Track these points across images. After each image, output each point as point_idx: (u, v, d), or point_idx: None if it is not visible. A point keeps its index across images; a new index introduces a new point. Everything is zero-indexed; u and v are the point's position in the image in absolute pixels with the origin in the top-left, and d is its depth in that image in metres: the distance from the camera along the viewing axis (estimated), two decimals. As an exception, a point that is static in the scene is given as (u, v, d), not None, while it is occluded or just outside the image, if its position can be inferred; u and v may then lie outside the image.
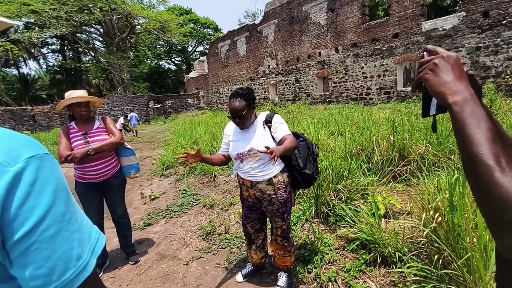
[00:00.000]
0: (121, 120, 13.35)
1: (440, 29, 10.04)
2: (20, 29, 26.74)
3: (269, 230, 2.34)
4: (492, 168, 0.44)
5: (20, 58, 30.45)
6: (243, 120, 1.86)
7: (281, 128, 1.88)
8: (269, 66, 17.84)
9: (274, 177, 1.91)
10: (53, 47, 34.62)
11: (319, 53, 14.51)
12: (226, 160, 2.13)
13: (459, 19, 9.59)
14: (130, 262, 2.73)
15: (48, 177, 0.45)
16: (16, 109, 19.10)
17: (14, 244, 0.40)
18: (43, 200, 0.43)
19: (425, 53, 0.62)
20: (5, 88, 31.21)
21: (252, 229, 2.16)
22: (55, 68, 35.32)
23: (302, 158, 1.97)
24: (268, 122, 1.91)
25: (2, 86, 29.58)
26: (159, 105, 25.31)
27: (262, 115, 1.98)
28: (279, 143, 1.84)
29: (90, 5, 23.96)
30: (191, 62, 35.43)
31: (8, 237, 0.40)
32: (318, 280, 2.09)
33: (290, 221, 2.13)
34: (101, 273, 2.59)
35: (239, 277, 2.28)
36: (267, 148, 1.57)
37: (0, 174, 0.40)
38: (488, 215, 0.45)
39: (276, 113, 1.99)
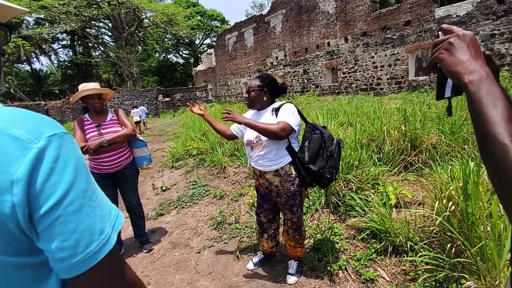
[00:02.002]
0: (138, 111, 13.64)
1: (454, 16, 9.70)
2: (31, 25, 27.19)
3: (282, 220, 2.36)
4: (508, 147, 0.43)
5: (32, 54, 31.00)
6: (250, 97, 1.92)
7: (284, 114, 1.80)
8: (277, 58, 17.65)
9: (282, 168, 1.88)
10: (64, 42, 35.14)
11: (328, 43, 14.25)
12: (229, 135, 2.16)
13: (473, 5, 9.23)
14: (144, 250, 2.81)
15: (69, 155, 0.46)
16: (30, 104, 19.56)
17: (41, 218, 0.42)
18: (66, 176, 0.45)
19: (440, 32, 0.60)
20: (19, 84, 31.93)
21: (265, 218, 2.18)
22: (66, 63, 35.88)
23: (311, 152, 1.84)
24: (277, 110, 1.87)
25: (15, 82, 30.28)
26: (168, 99, 25.48)
27: (276, 104, 1.95)
28: None
29: (98, 0, 24.08)
30: (199, 55, 35.36)
31: (34, 210, 0.42)
32: (328, 268, 2.11)
33: (302, 214, 2.10)
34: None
35: (250, 265, 2.32)
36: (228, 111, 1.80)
37: (24, 150, 0.41)
38: (505, 195, 0.45)
39: (290, 102, 1.94)
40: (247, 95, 1.95)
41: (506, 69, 8.63)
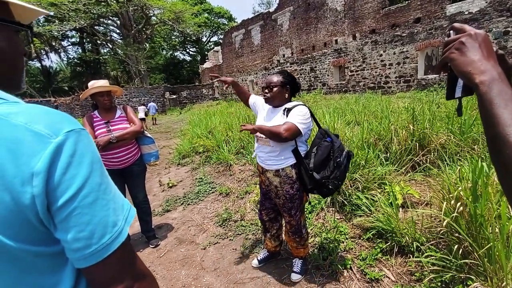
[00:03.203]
0: (144, 108, 14.15)
1: (466, 13, 9.49)
2: (41, 22, 27.60)
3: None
4: None
5: (42, 51, 31.55)
6: (271, 92, 1.87)
7: (294, 116, 1.76)
8: (283, 55, 17.57)
9: (282, 169, 1.85)
10: (73, 40, 35.64)
11: (336, 40, 14.12)
12: (247, 100, 2.23)
13: (486, 2, 9.01)
14: (150, 246, 2.85)
15: (85, 150, 0.48)
16: (40, 100, 19.95)
17: (58, 209, 0.45)
18: (82, 170, 0.47)
19: (451, 31, 0.59)
20: (29, 81, 32.57)
21: (267, 217, 2.18)
22: (75, 60, 36.40)
23: (317, 159, 1.78)
24: (289, 110, 1.82)
25: (26, 78, 30.77)
26: (174, 96, 25.63)
27: (290, 103, 1.89)
28: None
29: (107, -3, 24.34)
30: (206, 53, 35.43)
31: (52, 202, 0.44)
32: (333, 267, 2.11)
33: (304, 217, 2.09)
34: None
35: (254, 262, 2.34)
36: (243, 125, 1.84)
37: (44, 144, 0.44)
38: None
39: (304, 105, 1.87)
40: (267, 91, 1.89)
41: (519, 68, 8.42)
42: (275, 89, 1.86)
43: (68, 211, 0.45)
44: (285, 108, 1.85)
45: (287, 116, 1.80)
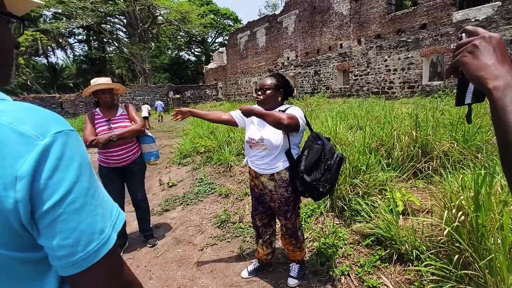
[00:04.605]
0: (148, 107, 14.24)
1: (473, 20, 9.44)
2: (49, 19, 27.90)
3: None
4: None
5: (49, 47, 31.85)
6: (264, 95, 1.86)
7: (291, 111, 1.78)
8: (288, 58, 17.58)
9: (277, 173, 1.83)
10: (80, 37, 35.94)
11: (341, 44, 14.10)
12: (224, 119, 2.09)
13: (493, 9, 8.97)
14: (148, 245, 2.84)
15: (73, 153, 0.46)
16: (46, 96, 20.08)
17: (43, 215, 0.42)
18: (70, 174, 0.44)
19: (463, 34, 0.57)
20: (35, 77, 32.76)
21: (260, 222, 2.12)
22: (81, 57, 36.71)
23: (308, 161, 1.76)
24: (283, 112, 1.80)
25: (32, 74, 31.08)
26: (178, 96, 25.70)
27: (282, 107, 1.89)
28: None
29: (114, -4, 24.57)
30: (211, 53, 35.57)
31: (37, 207, 0.42)
32: (331, 273, 2.08)
33: (300, 220, 2.05)
34: (121, 254, 2.71)
35: (244, 273, 2.25)
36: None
37: (30, 146, 0.41)
38: None
39: (295, 106, 1.88)
40: (260, 93, 1.88)
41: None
42: (268, 91, 1.85)
43: (53, 217, 0.43)
44: (279, 110, 1.83)
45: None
